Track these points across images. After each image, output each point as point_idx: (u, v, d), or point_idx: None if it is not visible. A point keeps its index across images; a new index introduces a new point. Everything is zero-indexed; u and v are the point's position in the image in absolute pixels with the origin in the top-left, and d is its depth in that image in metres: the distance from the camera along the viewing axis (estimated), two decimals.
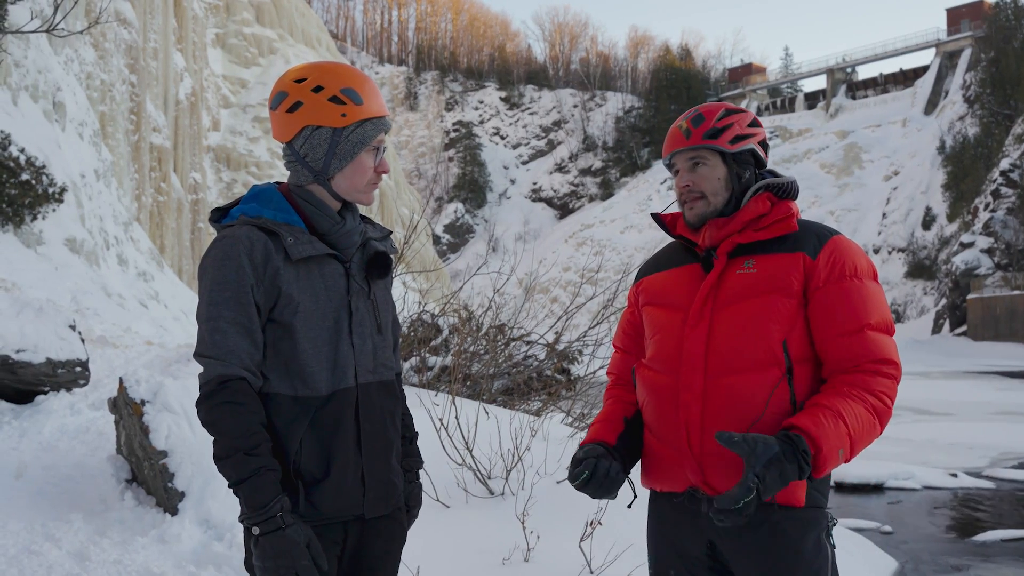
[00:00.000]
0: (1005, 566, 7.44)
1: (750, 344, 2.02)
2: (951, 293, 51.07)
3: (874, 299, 2.05)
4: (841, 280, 2.04)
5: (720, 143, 2.17)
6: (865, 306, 2.03)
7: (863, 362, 1.99)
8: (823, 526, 2.05)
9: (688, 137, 2.20)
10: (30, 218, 16.73)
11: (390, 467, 2.08)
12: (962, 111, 65.87)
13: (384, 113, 2.06)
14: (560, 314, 7.89)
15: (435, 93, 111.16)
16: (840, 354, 2.01)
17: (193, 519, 4.59)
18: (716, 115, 2.20)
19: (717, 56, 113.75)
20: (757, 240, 2.11)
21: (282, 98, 2.02)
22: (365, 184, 2.05)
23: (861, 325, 2.01)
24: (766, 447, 1.85)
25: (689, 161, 2.20)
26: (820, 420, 1.89)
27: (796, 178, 2.29)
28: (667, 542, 2.19)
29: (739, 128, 2.19)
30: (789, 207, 2.16)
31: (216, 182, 45.79)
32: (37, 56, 20.09)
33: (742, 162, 2.20)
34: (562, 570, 3.94)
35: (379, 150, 2.06)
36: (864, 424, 1.93)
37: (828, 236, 2.11)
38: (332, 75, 2.01)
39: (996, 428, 16.41)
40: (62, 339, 7.01)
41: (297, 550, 1.82)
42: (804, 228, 2.13)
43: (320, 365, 1.96)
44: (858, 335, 2.00)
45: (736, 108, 2.24)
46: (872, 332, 2.01)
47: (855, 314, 2.01)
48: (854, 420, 1.92)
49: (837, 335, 2.01)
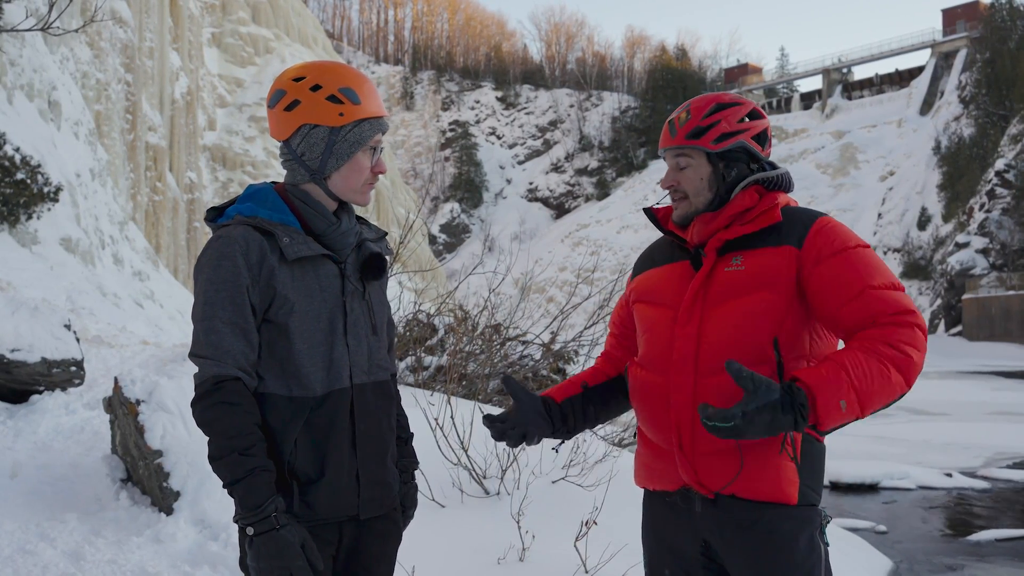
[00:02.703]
0: (999, 566, 7.46)
1: (740, 343, 2.00)
2: (946, 293, 51.16)
3: (872, 263, 1.98)
4: (832, 256, 1.99)
5: (703, 143, 2.12)
6: (865, 270, 1.96)
7: (879, 317, 1.91)
8: (816, 524, 2.04)
9: (673, 135, 2.16)
10: (25, 217, 16.70)
11: (385, 468, 2.08)
12: (958, 111, 65.97)
13: (382, 113, 2.06)
14: (556, 314, 7.89)
15: (431, 93, 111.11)
16: (853, 319, 1.94)
17: (188, 519, 4.58)
18: (704, 112, 2.14)
19: (713, 56, 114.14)
20: (744, 234, 2.08)
21: (280, 96, 2.02)
22: (362, 184, 2.05)
23: (864, 286, 1.94)
24: (768, 391, 1.81)
25: (675, 159, 2.18)
26: (820, 371, 1.84)
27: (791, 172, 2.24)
28: (661, 541, 2.19)
29: (727, 125, 2.12)
30: (774, 198, 2.11)
31: (212, 181, 45.73)
32: (33, 55, 20.05)
33: (730, 159, 2.14)
34: (557, 570, 3.95)
35: (376, 150, 2.06)
36: (873, 375, 1.84)
37: (812, 221, 2.05)
38: (330, 74, 2.01)
39: (991, 428, 16.45)
40: (57, 338, 7.01)
41: (292, 550, 1.81)
42: (788, 217, 2.08)
43: (315, 365, 1.96)
44: (864, 295, 1.93)
45: (731, 101, 2.17)
46: (878, 290, 1.94)
47: (856, 279, 1.95)
48: (859, 371, 1.84)
49: (843, 304, 1.95)
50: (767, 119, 2.20)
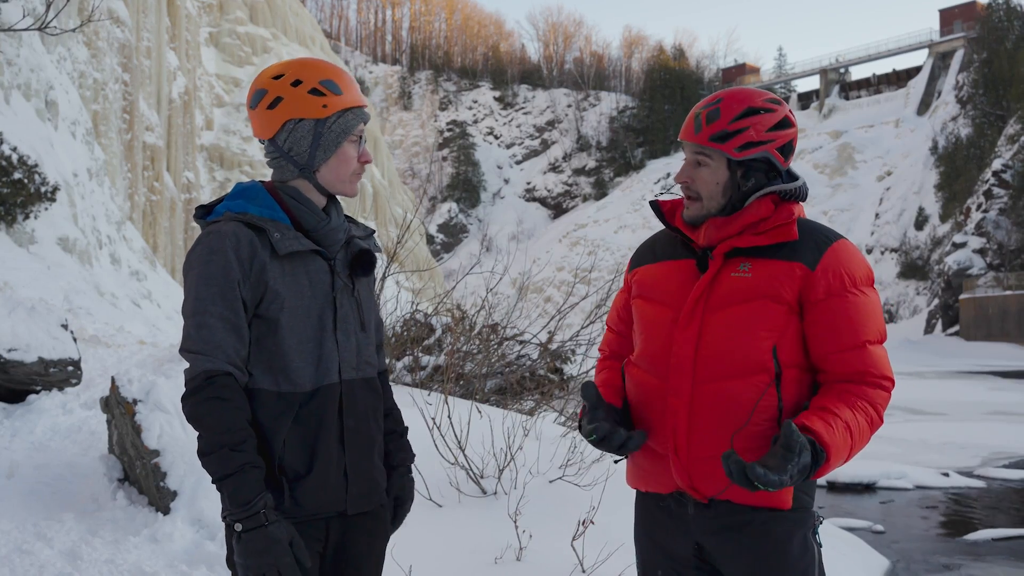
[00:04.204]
0: (996, 565, 7.47)
1: (740, 350, 2.00)
2: (943, 293, 51.23)
3: (873, 313, 2.03)
4: (842, 295, 2.00)
5: (726, 148, 2.06)
6: (866, 322, 2.01)
7: (867, 376, 2.00)
8: (809, 525, 2.05)
9: (698, 131, 2.08)
10: (22, 217, 16.69)
11: (373, 464, 2.08)
12: (955, 112, 66.04)
13: (363, 103, 2.08)
14: (553, 314, 7.90)
15: (429, 92, 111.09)
16: (842, 368, 2.01)
17: (185, 518, 4.58)
18: (733, 115, 2.06)
19: (711, 56, 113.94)
20: (755, 245, 2.04)
21: (261, 95, 2.03)
22: (350, 175, 2.07)
23: (863, 341, 2.00)
24: (803, 454, 1.81)
25: (694, 156, 2.11)
26: (834, 432, 1.89)
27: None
28: (654, 543, 2.18)
29: (755, 134, 2.05)
30: (791, 211, 2.07)
31: (209, 181, 45.71)
32: (29, 54, 20.02)
33: (750, 168, 2.09)
34: (554, 569, 3.95)
35: (361, 140, 2.08)
36: (863, 436, 1.97)
37: (827, 245, 2.03)
38: (309, 69, 2.03)
39: (988, 428, 16.47)
40: (54, 338, 7.00)
41: (279, 547, 1.82)
42: (804, 234, 2.05)
43: (304, 361, 1.96)
44: (860, 351, 2.00)
45: (765, 105, 2.08)
46: (872, 347, 2.01)
47: (856, 330, 2.00)
48: (857, 432, 1.94)
49: (838, 350, 2.01)
50: (796, 127, 2.14)
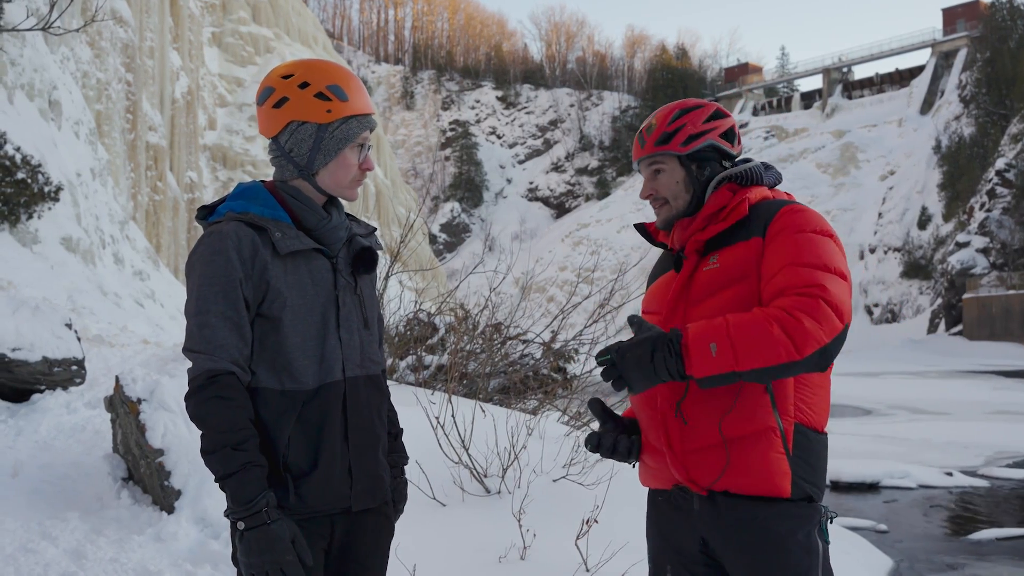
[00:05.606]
0: (1000, 564, 7.46)
1: None
2: (947, 293, 51.15)
3: (813, 244, 1.97)
4: (779, 235, 2.01)
5: (672, 147, 2.18)
6: (801, 248, 1.96)
7: (787, 290, 1.91)
8: (815, 521, 2.03)
9: (643, 145, 2.23)
10: (26, 217, 16.72)
11: (377, 461, 2.09)
12: (958, 111, 65.94)
13: (370, 111, 2.08)
14: (556, 313, 7.89)
15: (431, 92, 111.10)
16: (768, 292, 1.95)
17: (190, 517, 4.59)
18: (668, 119, 2.20)
19: (713, 56, 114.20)
20: (718, 232, 2.11)
21: (268, 94, 2.04)
22: (349, 180, 2.07)
23: (789, 262, 1.95)
24: (648, 330, 1.94)
25: (649, 168, 2.23)
26: (703, 322, 1.93)
27: (778, 169, 2.27)
28: (663, 538, 2.21)
29: (692, 127, 2.18)
30: (744, 193, 2.13)
31: (212, 181, 45.74)
32: (33, 54, 20.06)
33: (703, 159, 2.20)
34: (558, 568, 3.95)
35: (364, 147, 2.08)
36: (752, 326, 1.85)
37: (776, 210, 2.07)
38: (318, 72, 2.03)
39: (991, 427, 16.44)
40: (58, 338, 7.02)
41: (282, 545, 1.83)
42: (756, 210, 2.10)
43: (307, 359, 1.97)
44: (785, 270, 1.94)
45: (693, 104, 2.23)
46: (801, 267, 1.93)
47: (787, 255, 1.96)
48: (739, 321, 1.87)
49: (767, 279, 1.97)
50: (732, 117, 2.26)
